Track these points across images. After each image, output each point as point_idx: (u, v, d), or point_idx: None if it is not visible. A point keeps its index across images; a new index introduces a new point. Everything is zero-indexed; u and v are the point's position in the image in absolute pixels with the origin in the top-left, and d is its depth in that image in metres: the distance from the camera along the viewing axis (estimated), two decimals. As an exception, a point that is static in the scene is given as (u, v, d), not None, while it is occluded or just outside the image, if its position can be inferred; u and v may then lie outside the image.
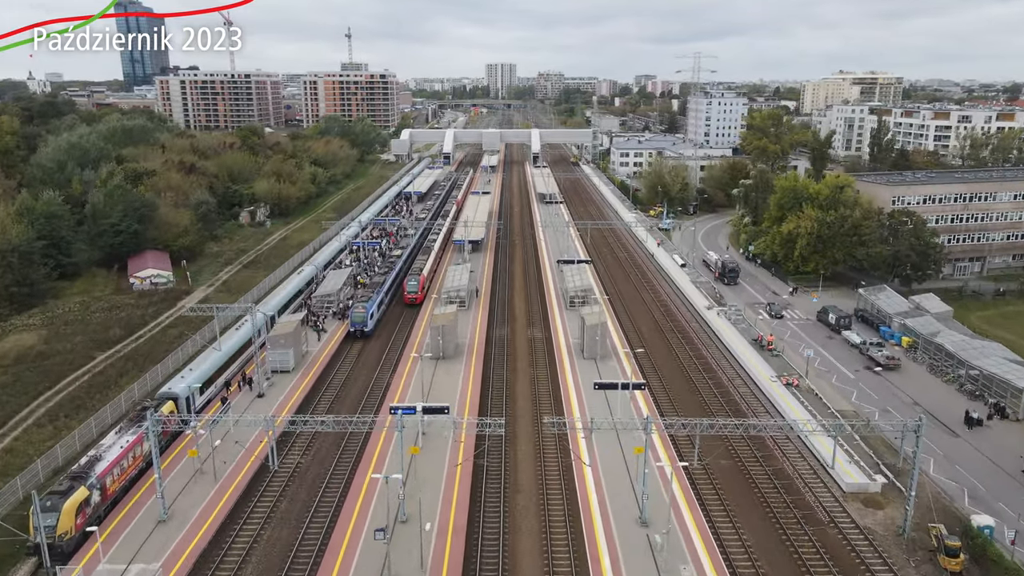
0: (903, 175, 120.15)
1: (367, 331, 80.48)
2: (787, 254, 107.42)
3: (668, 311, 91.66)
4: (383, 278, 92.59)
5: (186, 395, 58.47)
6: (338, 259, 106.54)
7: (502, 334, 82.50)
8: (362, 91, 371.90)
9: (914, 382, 71.28)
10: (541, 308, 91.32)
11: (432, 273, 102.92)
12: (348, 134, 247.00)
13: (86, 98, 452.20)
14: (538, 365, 72.97)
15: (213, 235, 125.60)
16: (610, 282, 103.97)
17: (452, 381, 67.20)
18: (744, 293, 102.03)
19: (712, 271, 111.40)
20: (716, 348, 78.51)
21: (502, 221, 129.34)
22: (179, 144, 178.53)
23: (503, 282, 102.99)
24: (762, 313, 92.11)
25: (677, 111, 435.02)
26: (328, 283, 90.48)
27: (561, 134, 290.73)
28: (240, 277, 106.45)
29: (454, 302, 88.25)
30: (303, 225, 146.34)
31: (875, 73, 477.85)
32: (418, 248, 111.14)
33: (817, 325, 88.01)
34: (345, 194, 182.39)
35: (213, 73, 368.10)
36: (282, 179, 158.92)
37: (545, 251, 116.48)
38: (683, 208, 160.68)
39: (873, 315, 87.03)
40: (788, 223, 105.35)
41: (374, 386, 68.05)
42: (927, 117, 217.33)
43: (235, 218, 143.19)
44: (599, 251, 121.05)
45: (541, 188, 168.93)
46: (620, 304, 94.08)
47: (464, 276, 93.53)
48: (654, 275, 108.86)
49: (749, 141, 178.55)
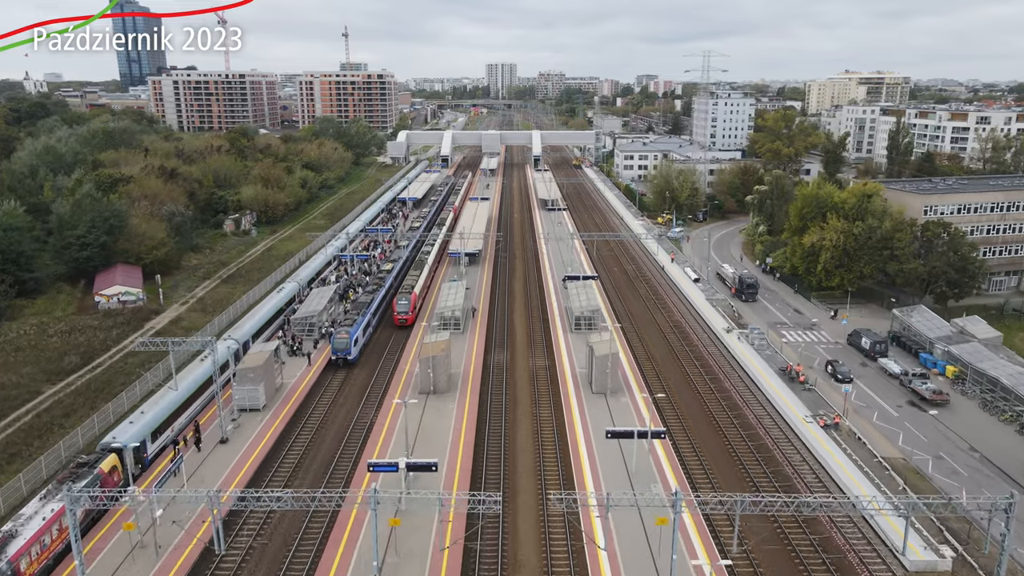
0: (932, 182, 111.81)
1: (351, 359, 72.34)
2: (809, 268, 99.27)
3: (683, 333, 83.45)
4: (370, 297, 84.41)
5: (134, 445, 50.40)
6: (324, 274, 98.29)
7: (501, 361, 74.35)
8: (359, 91, 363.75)
9: (966, 421, 63.00)
10: (543, 330, 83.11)
11: (425, 290, 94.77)
12: (343, 136, 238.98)
13: (79, 99, 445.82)
14: (541, 402, 64.75)
15: (193, 246, 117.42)
16: (619, 300, 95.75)
17: (443, 424, 58.98)
18: (765, 312, 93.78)
19: (728, 286, 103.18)
20: (739, 379, 70.25)
21: (501, 232, 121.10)
22: (164, 147, 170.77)
23: (502, 300, 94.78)
24: (786, 335, 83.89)
25: (680, 111, 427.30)
26: (310, 303, 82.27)
27: (563, 136, 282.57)
28: (218, 293, 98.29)
29: (448, 326, 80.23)
30: (291, 234, 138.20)
31: (881, 73, 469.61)
32: (410, 262, 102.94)
33: (848, 350, 79.74)
34: (337, 200, 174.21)
35: (207, 73, 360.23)
36: (270, 184, 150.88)
37: (548, 264, 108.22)
38: (692, 215, 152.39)
39: (910, 339, 78.77)
40: (810, 234, 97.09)
41: (355, 428, 59.83)
42: (943, 118, 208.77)
43: (219, 226, 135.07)
44: (606, 264, 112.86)
45: (543, 193, 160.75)
46: (630, 325, 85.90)
47: (459, 294, 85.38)
48: (666, 291, 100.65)
49: (761, 144, 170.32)
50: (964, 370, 69.45)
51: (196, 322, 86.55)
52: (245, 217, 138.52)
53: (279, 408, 62.03)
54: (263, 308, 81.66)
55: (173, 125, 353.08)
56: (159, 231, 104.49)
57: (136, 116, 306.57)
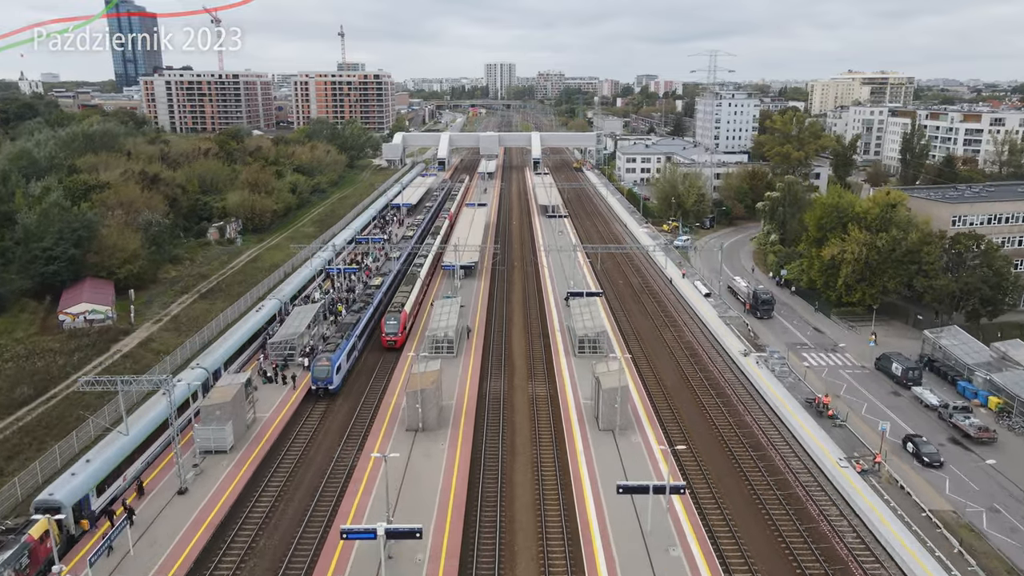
0: (958, 189, 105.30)
1: (332, 389, 65.70)
2: (828, 282, 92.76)
3: (696, 356, 76.80)
4: (356, 317, 77.73)
5: (72, 503, 43.73)
6: (308, 289, 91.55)
7: (497, 390, 67.75)
8: (355, 92, 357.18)
9: (1019, 463, 56.42)
10: (545, 354, 76.45)
11: (417, 307, 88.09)
12: (337, 138, 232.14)
13: (71, 99, 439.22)
14: (542, 441, 58.13)
15: (172, 257, 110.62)
16: (625, 317, 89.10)
17: (432, 471, 52.31)
18: (782, 331, 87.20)
19: (741, 301, 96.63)
20: (761, 411, 63.62)
21: (499, 245, 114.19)
22: (148, 151, 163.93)
23: (500, 318, 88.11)
24: (808, 358, 77.35)
25: (682, 112, 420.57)
26: (290, 324, 75.54)
27: (563, 137, 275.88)
28: (194, 310, 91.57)
29: (440, 349, 73.63)
30: (278, 242, 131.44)
31: (885, 73, 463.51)
32: (402, 275, 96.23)
33: (876, 376, 73.14)
34: (329, 205, 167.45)
35: (200, 73, 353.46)
36: (258, 190, 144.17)
37: (548, 278, 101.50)
38: (699, 222, 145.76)
39: (946, 365, 72.19)
40: (830, 246, 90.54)
41: (333, 474, 53.21)
42: (955, 120, 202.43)
43: (203, 235, 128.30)
44: (610, 276, 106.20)
45: (543, 199, 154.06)
46: (638, 346, 79.31)
47: (453, 313, 78.71)
48: (675, 307, 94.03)
49: (770, 147, 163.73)
50: (1010, 402, 62.86)
51: (168, 343, 79.83)
52: (230, 225, 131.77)
53: (249, 449, 55.35)
54: (239, 330, 74.88)
55: (165, 126, 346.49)
56: (133, 242, 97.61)
57: (127, 117, 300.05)
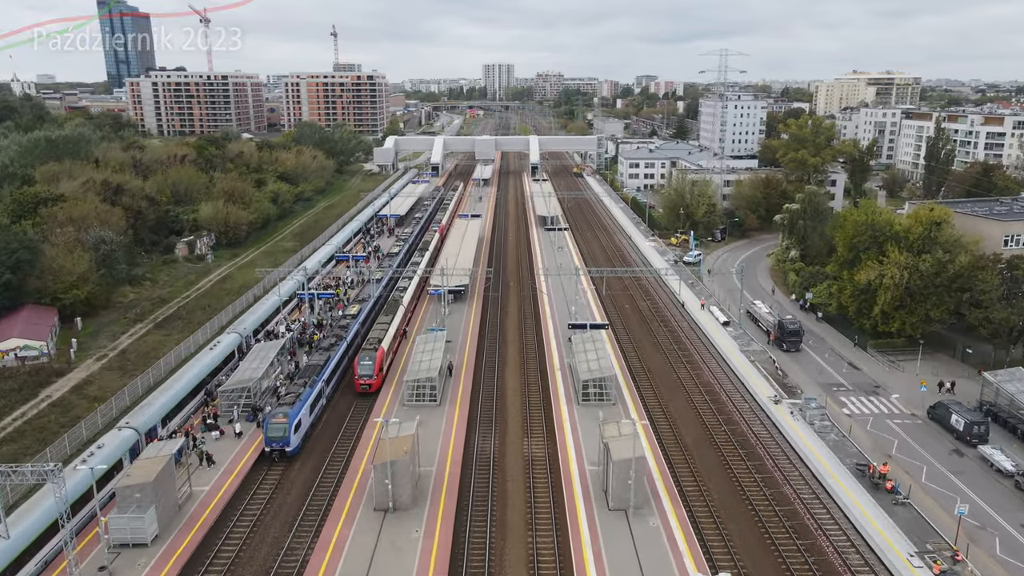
0: (1004, 203, 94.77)
1: (290, 451, 55.12)
2: (862, 309, 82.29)
3: (718, 402, 66.20)
4: (325, 356, 67.12)
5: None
6: (275, 320, 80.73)
7: (487, 449, 57.23)
8: (348, 93, 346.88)
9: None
10: (543, 400, 65.86)
11: (398, 340, 77.51)
12: (325, 142, 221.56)
13: (59, 100, 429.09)
14: (539, 524, 47.54)
15: (131, 277, 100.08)
16: (634, 351, 78.49)
17: (400, 571, 41.70)
18: (812, 367, 76.67)
19: (763, 329, 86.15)
20: (803, 480, 53.02)
21: (492, 268, 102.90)
22: (119, 158, 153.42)
23: (492, 353, 77.47)
24: (847, 403, 66.88)
25: (684, 114, 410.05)
26: (245, 367, 64.73)
27: (562, 141, 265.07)
28: (146, 344, 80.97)
29: (421, 395, 63.17)
30: (254, 258, 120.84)
31: (891, 73, 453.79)
32: (382, 302, 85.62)
33: (930, 428, 62.60)
34: (313, 216, 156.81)
35: (188, 74, 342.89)
36: (235, 200, 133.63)
37: (548, 304, 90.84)
38: (710, 234, 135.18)
39: (1012, 415, 61.63)
40: (866, 270, 80.00)
41: (278, 573, 42.65)
42: (976, 123, 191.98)
43: (171, 250, 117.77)
44: (616, 300, 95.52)
45: (541, 209, 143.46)
46: (650, 388, 68.83)
47: (438, 351, 68.02)
48: (689, 337, 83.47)
49: (784, 152, 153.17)
50: (1103, 470, 52.36)
51: (108, 386, 69.27)
52: (201, 239, 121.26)
53: (177, 539, 44.70)
54: (186, 374, 64.05)
55: (152, 129, 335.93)
56: (82, 264, 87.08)
57: (110, 120, 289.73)
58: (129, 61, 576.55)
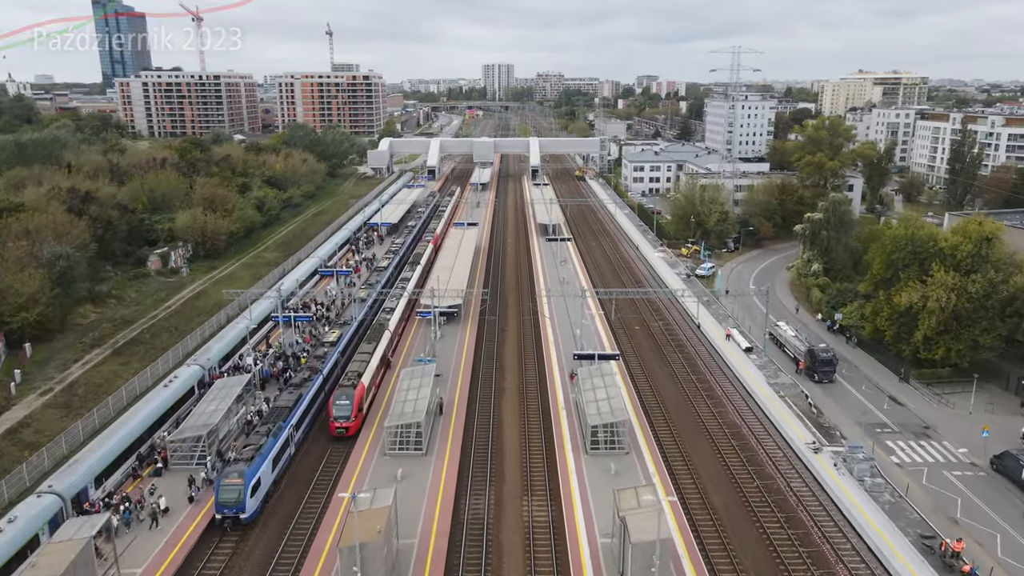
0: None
1: (245, 518, 46.45)
2: (901, 333, 73.69)
3: (747, 450, 57.46)
4: (297, 395, 58.46)
5: None
6: (241, 352, 71.65)
7: (479, 512, 48.60)
8: (343, 94, 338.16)
9: None
10: (546, 447, 57.18)
11: (382, 371, 68.85)
12: (317, 144, 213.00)
13: (49, 101, 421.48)
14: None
15: (94, 295, 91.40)
16: (647, 383, 69.76)
17: None
18: (849, 401, 68.03)
19: (788, 354, 77.50)
20: (858, 557, 44.29)
21: (488, 289, 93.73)
22: (94, 162, 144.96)
23: (488, 386, 68.72)
24: (895, 448, 58.25)
25: (687, 114, 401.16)
26: (200, 412, 55.88)
27: (564, 143, 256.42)
28: (100, 374, 72.27)
29: (404, 444, 54.61)
30: (233, 271, 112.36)
31: (898, 73, 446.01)
32: (366, 327, 76.91)
33: (995, 481, 53.97)
34: (301, 223, 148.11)
35: (179, 74, 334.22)
36: (215, 208, 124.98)
37: (550, 328, 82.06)
38: (723, 244, 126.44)
39: (1092, 467, 53.00)
40: (908, 291, 71.38)
41: None
42: (997, 124, 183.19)
43: (143, 263, 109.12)
44: (625, 322, 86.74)
45: (542, 216, 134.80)
46: (668, 431, 60.19)
47: (425, 389, 59.35)
48: (708, 365, 74.70)
49: (799, 155, 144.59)
50: None
51: (49, 428, 60.63)
52: (176, 251, 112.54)
53: (94, 646, 36.11)
54: (136, 416, 55.47)
55: (143, 130, 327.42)
56: (33, 283, 78.39)
57: (100, 121, 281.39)
58: (124, 61, 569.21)
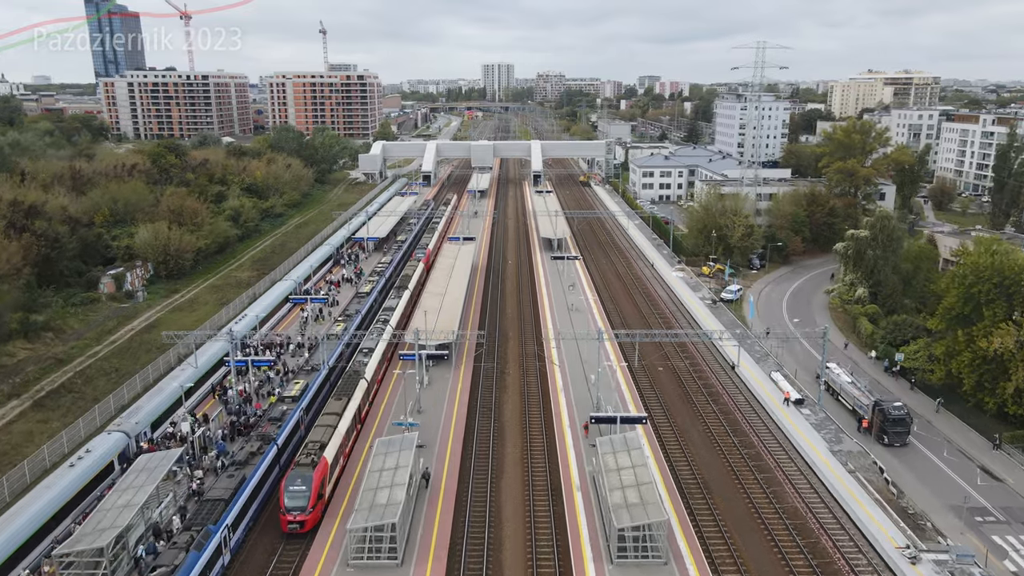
0: None
1: None
2: (983, 382, 60.84)
3: (822, 558, 44.15)
4: (237, 480, 45.39)
5: None
6: (179, 414, 58.24)
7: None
8: (337, 95, 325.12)
9: None
10: (558, 556, 44.04)
11: (354, 436, 55.79)
12: (305, 148, 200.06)
13: (35, 102, 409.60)
14: None
15: (27, 327, 78.42)
16: (681, 452, 56.53)
17: None
18: (930, 472, 55.05)
19: (845, 404, 64.57)
20: None
21: (484, 330, 79.45)
22: (53, 169, 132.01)
23: (485, 459, 55.42)
24: (1005, 546, 45.28)
25: (692, 115, 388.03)
26: (104, 510, 42.61)
27: (568, 147, 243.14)
28: (11, 436, 59.18)
29: (374, 551, 41.65)
30: (198, 294, 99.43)
31: (909, 72, 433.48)
32: (337, 376, 63.80)
33: None
34: (281, 235, 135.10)
35: (166, 74, 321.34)
36: (182, 221, 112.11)
37: (560, 378, 68.72)
38: (747, 262, 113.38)
39: None
40: (998, 333, 58.48)
41: None
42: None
43: (94, 285, 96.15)
44: (646, 363, 73.46)
45: (546, 230, 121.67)
46: (714, 525, 47.10)
47: (402, 471, 46.29)
48: (753, 424, 61.50)
49: (826, 162, 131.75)
50: None
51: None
52: (134, 271, 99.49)
53: None
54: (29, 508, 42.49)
55: (129, 132, 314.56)
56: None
57: (82, 123, 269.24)
58: (118, 61, 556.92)
